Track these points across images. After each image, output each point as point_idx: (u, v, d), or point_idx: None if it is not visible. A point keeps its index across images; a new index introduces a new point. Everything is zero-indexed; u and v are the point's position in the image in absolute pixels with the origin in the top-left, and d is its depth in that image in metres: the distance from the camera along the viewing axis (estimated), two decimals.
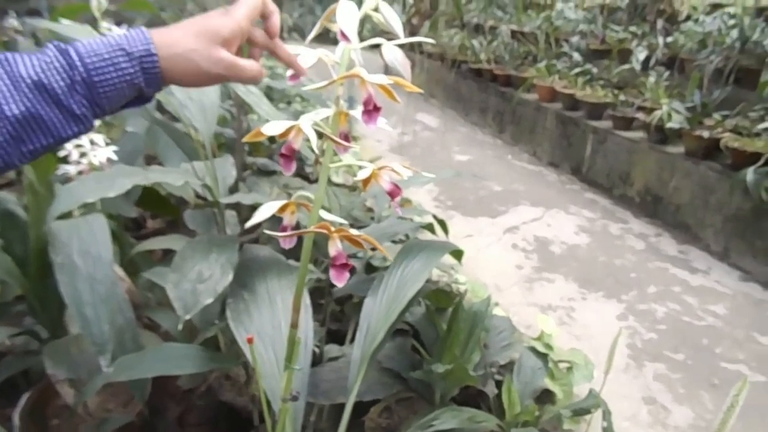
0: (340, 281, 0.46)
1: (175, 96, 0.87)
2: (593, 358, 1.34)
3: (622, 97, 2.95)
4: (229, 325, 0.76)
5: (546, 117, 3.43)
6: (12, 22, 3.66)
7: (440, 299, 1.24)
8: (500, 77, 3.98)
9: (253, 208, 0.77)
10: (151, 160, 1.87)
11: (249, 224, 0.50)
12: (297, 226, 0.51)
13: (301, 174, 2.35)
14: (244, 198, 0.81)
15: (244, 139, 0.45)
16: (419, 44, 4.87)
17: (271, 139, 2.59)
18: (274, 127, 0.43)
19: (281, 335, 0.76)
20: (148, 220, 2.14)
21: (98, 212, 1.04)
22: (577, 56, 3.53)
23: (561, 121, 3.28)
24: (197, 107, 0.87)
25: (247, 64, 0.46)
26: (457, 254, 1.07)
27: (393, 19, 0.48)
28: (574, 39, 3.68)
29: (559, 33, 3.91)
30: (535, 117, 3.53)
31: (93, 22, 1.35)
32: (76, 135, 0.44)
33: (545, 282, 2.01)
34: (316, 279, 1.01)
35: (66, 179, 1.34)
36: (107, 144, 1.30)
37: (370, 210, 1.73)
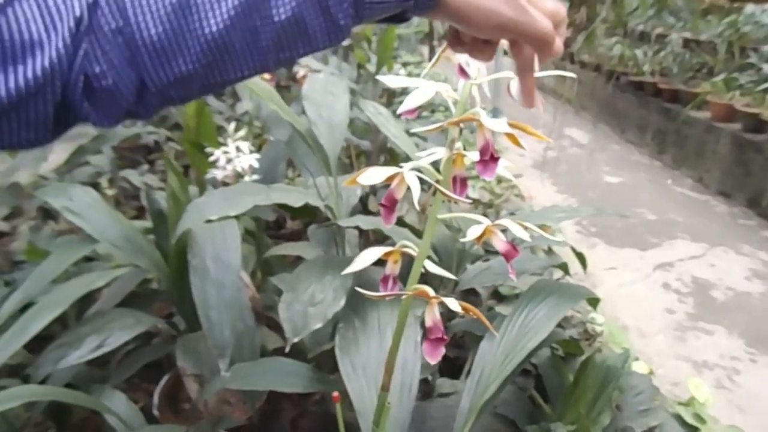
0: (433, 357, 0.40)
1: (307, 113, 0.87)
2: None
3: None
4: (336, 354, 0.73)
5: (719, 139, 3.00)
6: None
7: (569, 344, 1.12)
8: (665, 92, 3.58)
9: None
10: (293, 164, 1.97)
11: (347, 271, 0.46)
12: (400, 276, 0.46)
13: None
14: (363, 222, 0.79)
15: (345, 183, 0.42)
16: (572, 53, 4.58)
17: None
18: (372, 175, 0.39)
19: None
20: (287, 220, 2.26)
21: (233, 219, 1.09)
22: (767, 68, 3.04)
23: (738, 145, 2.84)
24: (326, 125, 0.86)
25: (545, 22, 0.37)
26: (593, 301, 0.95)
27: None
28: (766, 48, 3.18)
29: (746, 41, 3.40)
30: (705, 138, 3.11)
31: None
32: (330, 46, 0.39)
33: (701, 333, 1.74)
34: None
35: (213, 182, 1.45)
36: (251, 152, 1.37)
37: None
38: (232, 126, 1.35)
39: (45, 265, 1.04)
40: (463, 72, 0.37)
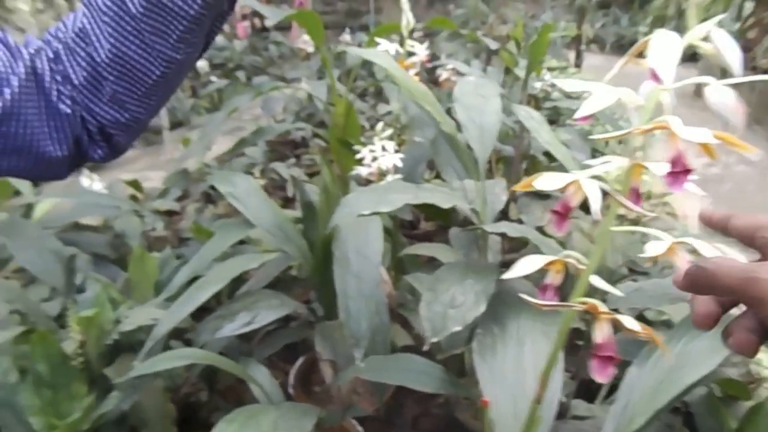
0: (603, 376, 0.38)
1: (458, 115, 0.87)
2: None
3: None
4: (473, 359, 0.72)
5: None
6: (346, 36, 4.36)
7: (731, 385, 0.99)
8: None
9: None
10: (433, 165, 1.99)
11: (506, 276, 0.45)
12: (560, 287, 0.44)
13: None
14: (509, 229, 0.77)
15: (515, 187, 0.41)
16: (752, 58, 4.05)
17: (551, 158, 2.48)
18: (548, 181, 0.37)
19: (523, 385, 0.69)
20: (421, 221, 2.29)
21: (377, 216, 1.13)
22: None
23: None
24: (476, 128, 0.86)
25: None
26: None
27: (730, 51, 0.37)
28: None
29: None
30: None
31: (402, 39, 1.48)
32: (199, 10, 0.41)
33: None
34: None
35: (357, 179, 1.52)
36: (396, 151, 1.41)
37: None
38: (379, 125, 1.40)
39: (209, 244, 1.16)
40: (655, 76, 0.34)
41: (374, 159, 1.40)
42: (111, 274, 1.42)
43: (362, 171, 1.42)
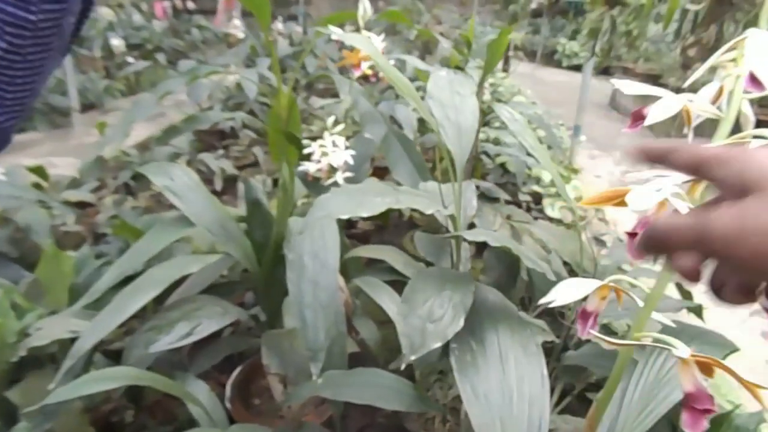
0: (695, 430, 0.33)
1: (434, 113, 0.81)
2: None
3: None
4: (456, 377, 0.67)
5: None
6: (278, 25, 4.19)
7: None
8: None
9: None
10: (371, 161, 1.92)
11: (544, 300, 0.39)
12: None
13: (515, 201, 2.22)
14: (489, 238, 0.72)
15: (582, 202, 0.35)
16: (657, 76, 4.35)
17: (489, 157, 2.49)
18: (641, 199, 0.32)
19: (511, 406, 0.65)
20: (359, 221, 2.22)
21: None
22: None
23: None
24: (454, 129, 0.80)
25: None
26: (726, 354, 0.84)
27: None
28: None
29: None
30: None
31: (353, 30, 1.40)
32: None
33: None
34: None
35: (304, 175, 1.42)
36: (347, 147, 1.33)
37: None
38: (330, 120, 1.31)
39: (141, 243, 1.03)
40: (755, 81, 0.29)
41: (324, 155, 1.31)
42: (12, 276, 1.22)
43: (310, 167, 1.33)
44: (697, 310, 0.90)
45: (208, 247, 1.40)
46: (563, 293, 0.37)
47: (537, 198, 2.46)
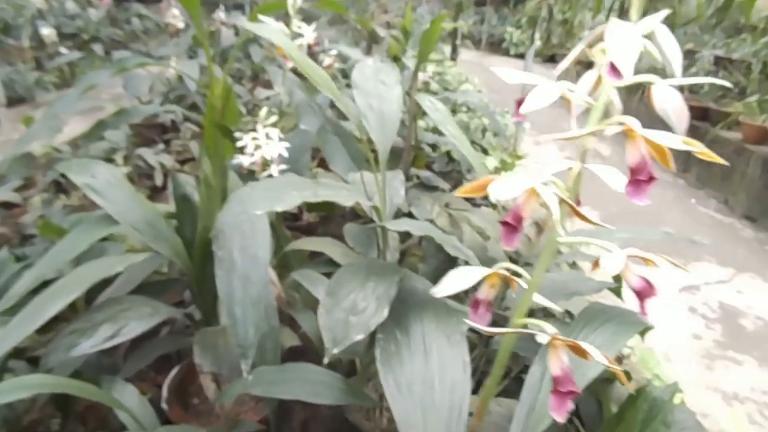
0: (560, 413, 0.34)
1: (356, 103, 0.80)
2: None
3: None
4: (378, 368, 0.67)
5: (749, 161, 2.92)
6: (220, 14, 4.07)
7: (607, 370, 1.05)
8: (694, 109, 3.49)
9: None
10: (316, 153, 1.90)
11: (438, 294, 0.40)
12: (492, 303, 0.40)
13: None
14: (412, 227, 0.72)
15: (457, 193, 0.35)
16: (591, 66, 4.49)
17: (433, 148, 2.51)
18: (506, 188, 0.32)
19: (432, 394, 0.65)
20: (303, 212, 2.20)
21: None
22: None
23: None
24: (377, 118, 0.80)
25: None
26: (642, 331, 0.88)
27: (672, 51, 0.34)
28: None
29: None
30: (734, 160, 3.03)
31: (287, 19, 1.37)
32: None
33: (731, 363, 1.67)
34: None
35: (239, 169, 1.39)
36: (281, 139, 1.31)
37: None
38: (263, 111, 1.28)
39: (62, 244, 0.98)
40: (615, 70, 0.30)
41: (257, 147, 1.29)
42: None
43: (244, 160, 1.30)
44: (617, 291, 0.94)
45: (143, 246, 1.35)
46: (453, 282, 0.38)
47: None
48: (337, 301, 0.72)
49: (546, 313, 1.11)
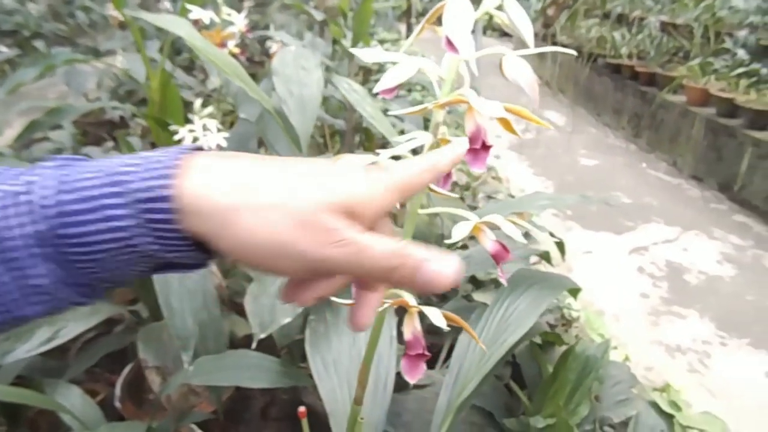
0: (412, 375, 0.36)
1: (276, 88, 0.80)
2: (732, 424, 1.11)
3: None
4: (306, 350, 0.69)
5: (693, 123, 3.01)
6: (165, 3, 3.96)
7: (548, 333, 1.09)
8: (642, 75, 3.57)
9: None
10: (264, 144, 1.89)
11: None
12: None
13: None
14: None
15: None
16: (552, 35, 4.54)
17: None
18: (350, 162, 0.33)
19: (358, 370, 0.67)
20: None
21: None
22: (742, 54, 3.05)
23: (712, 129, 2.86)
24: (297, 102, 0.80)
25: (380, 245, 0.25)
26: (574, 291, 0.92)
27: (522, 22, 0.36)
28: (741, 33, 3.19)
29: (722, 26, 3.41)
30: (680, 122, 3.12)
31: (216, 9, 1.35)
32: (48, 312, 0.27)
33: (675, 317, 1.75)
34: None
35: None
36: (219, 130, 1.30)
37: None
38: (198, 102, 1.27)
39: None
40: (451, 45, 0.32)
41: (195, 140, 1.27)
42: None
43: None
44: (546, 256, 0.97)
45: None
46: None
47: None
48: (264, 287, 0.73)
49: (477, 285, 1.14)
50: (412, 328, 0.36)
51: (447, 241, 0.37)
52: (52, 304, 0.26)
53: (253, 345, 0.68)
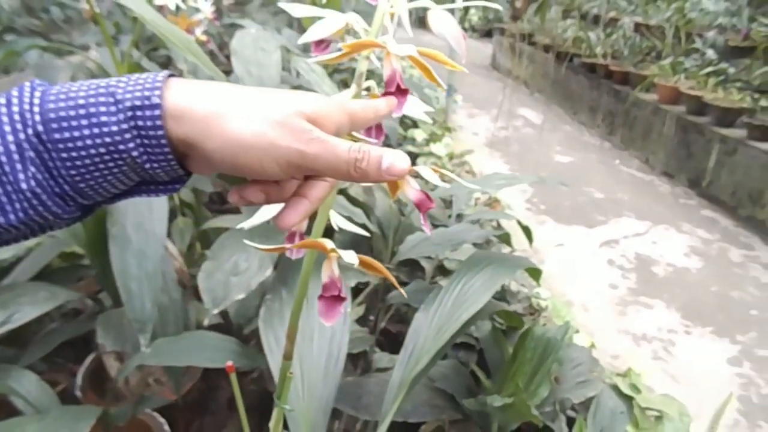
0: (328, 317, 0.36)
1: (234, 69, 0.80)
2: (693, 408, 1.13)
3: (763, 103, 2.55)
4: (259, 326, 0.68)
5: (664, 121, 3.07)
6: None
7: (512, 318, 1.10)
8: (616, 74, 3.63)
9: None
10: None
11: (248, 225, 0.41)
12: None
13: None
14: None
15: None
16: (529, 35, 4.59)
17: None
18: None
19: (311, 347, 0.67)
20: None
21: None
22: (711, 53, 3.12)
23: (682, 127, 2.92)
24: (255, 83, 0.80)
25: (342, 145, 0.30)
26: (535, 273, 0.93)
27: None
28: (710, 34, 3.26)
29: (692, 27, 3.48)
30: (652, 120, 3.18)
31: None
32: (25, 222, 0.28)
33: (642, 307, 1.77)
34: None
35: None
36: None
37: (449, 205, 1.60)
38: None
39: None
40: None
41: None
42: None
43: None
44: (505, 237, 0.98)
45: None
46: (263, 213, 0.40)
47: (414, 158, 2.53)
48: (218, 264, 0.72)
49: (444, 273, 1.15)
50: (329, 271, 0.37)
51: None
52: (32, 211, 0.27)
53: (206, 322, 0.67)
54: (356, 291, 1.11)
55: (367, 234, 0.50)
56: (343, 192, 1.32)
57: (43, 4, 5.77)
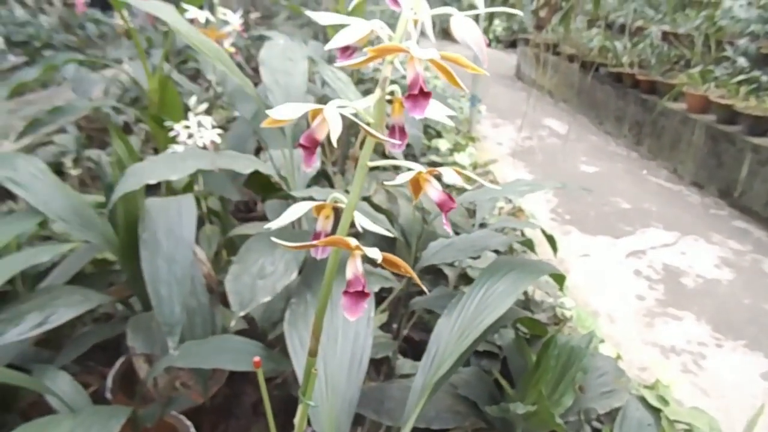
0: (353, 314, 0.37)
1: (263, 79, 0.82)
2: (724, 423, 1.10)
3: None
4: (284, 329, 0.70)
5: (693, 130, 3.01)
6: None
7: (535, 325, 1.09)
8: (643, 83, 3.59)
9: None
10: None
11: (271, 226, 0.42)
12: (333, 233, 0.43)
13: None
14: (317, 193, 0.75)
15: (263, 124, 0.38)
16: (554, 45, 4.57)
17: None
18: (287, 110, 0.35)
19: (335, 348, 0.68)
20: (258, 203, 2.21)
21: (190, 193, 1.05)
22: (742, 61, 3.06)
23: (712, 136, 2.86)
24: (282, 91, 0.82)
25: None
26: (559, 279, 0.92)
27: None
28: (742, 41, 3.20)
29: (723, 35, 3.42)
30: (680, 130, 3.12)
31: (212, 8, 1.38)
32: None
33: (670, 319, 1.74)
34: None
35: None
36: (213, 127, 1.32)
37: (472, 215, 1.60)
38: (193, 99, 1.30)
39: None
40: (394, 1, 0.33)
41: (190, 136, 1.30)
42: None
43: (178, 149, 1.31)
44: (528, 243, 0.98)
45: (75, 238, 1.36)
46: (289, 214, 0.41)
47: (437, 167, 2.54)
48: (245, 267, 0.74)
49: (468, 281, 1.15)
50: (353, 268, 0.38)
51: (389, 182, 0.39)
52: None
53: (232, 323, 0.69)
54: (379, 299, 1.12)
55: (390, 235, 0.52)
56: (366, 199, 1.33)
57: (79, 20, 5.98)
